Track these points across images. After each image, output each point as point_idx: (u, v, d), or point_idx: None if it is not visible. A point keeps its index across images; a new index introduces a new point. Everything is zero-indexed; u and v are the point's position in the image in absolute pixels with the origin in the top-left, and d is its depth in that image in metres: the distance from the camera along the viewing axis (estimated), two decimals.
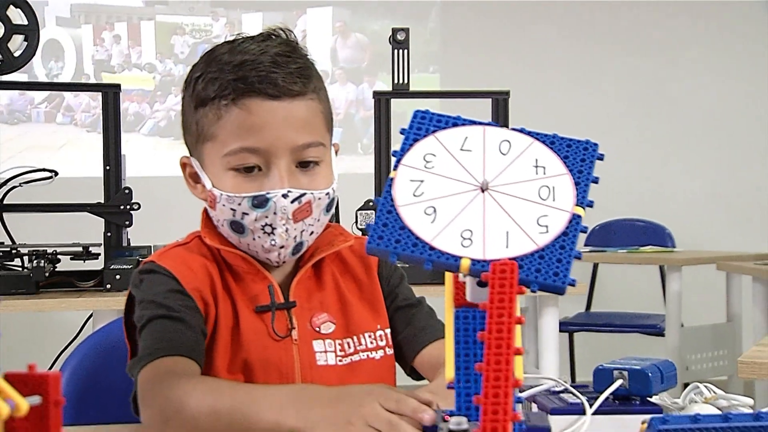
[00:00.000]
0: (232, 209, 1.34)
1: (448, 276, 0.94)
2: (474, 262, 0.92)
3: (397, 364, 1.48)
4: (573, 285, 0.91)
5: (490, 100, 3.11)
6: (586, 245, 4.87)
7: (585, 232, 0.94)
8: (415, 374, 1.48)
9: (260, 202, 1.32)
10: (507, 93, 3.11)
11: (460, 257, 0.92)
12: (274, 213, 1.32)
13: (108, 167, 2.89)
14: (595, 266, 4.99)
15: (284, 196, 1.32)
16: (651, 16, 5.43)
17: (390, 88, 3.16)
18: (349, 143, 5.21)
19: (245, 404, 1.12)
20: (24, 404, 0.89)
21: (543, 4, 5.34)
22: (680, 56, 5.44)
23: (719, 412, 1.08)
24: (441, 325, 1.43)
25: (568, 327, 4.59)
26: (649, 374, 1.15)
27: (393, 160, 0.99)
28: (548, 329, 3.15)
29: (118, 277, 2.74)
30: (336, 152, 1.43)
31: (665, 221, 5.00)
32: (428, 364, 1.42)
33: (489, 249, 0.92)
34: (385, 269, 1.49)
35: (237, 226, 1.35)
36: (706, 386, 1.23)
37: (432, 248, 0.93)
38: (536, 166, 0.98)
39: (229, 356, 1.35)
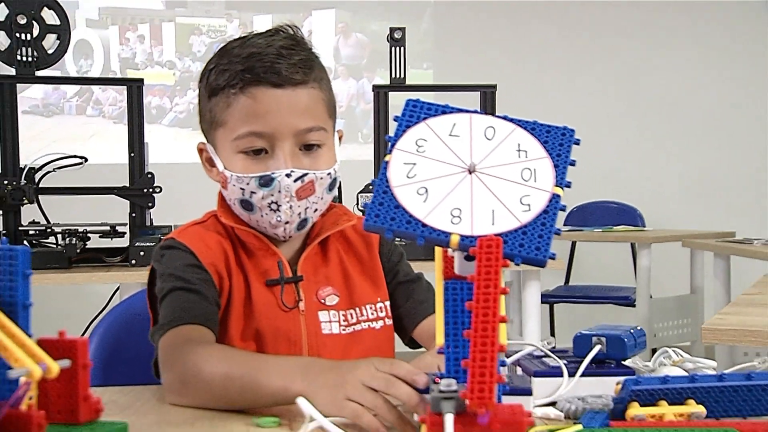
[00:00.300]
0: (241, 188, 1.34)
1: (438, 251, 0.94)
2: (463, 237, 0.92)
3: (396, 335, 1.48)
4: (553, 258, 0.91)
5: (479, 93, 3.10)
6: (565, 224, 4.88)
7: (563, 210, 0.94)
8: (413, 344, 1.48)
9: (266, 182, 1.32)
10: (494, 86, 3.10)
11: (450, 233, 0.92)
12: (279, 191, 1.32)
13: (132, 154, 2.88)
14: (573, 244, 5.00)
15: (287, 175, 1.32)
16: (627, 14, 5.42)
17: (388, 83, 3.15)
18: (350, 133, 5.20)
19: (256, 371, 1.12)
20: (55, 367, 0.89)
21: (528, 5, 5.33)
22: (651, 53, 5.43)
23: (686, 374, 1.08)
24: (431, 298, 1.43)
25: (548, 299, 4.59)
26: (625, 340, 1.14)
27: (388, 145, 0.99)
28: (531, 300, 3.16)
29: (142, 253, 2.74)
30: (340, 138, 1.42)
31: (636, 203, 5.00)
32: (427, 335, 1.42)
33: (476, 226, 0.93)
34: (385, 247, 1.49)
35: (246, 204, 1.35)
36: (674, 351, 1.22)
37: (424, 225, 0.93)
38: (519, 150, 0.98)
39: (242, 326, 1.35)
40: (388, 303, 1.45)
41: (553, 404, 1.11)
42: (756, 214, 5.32)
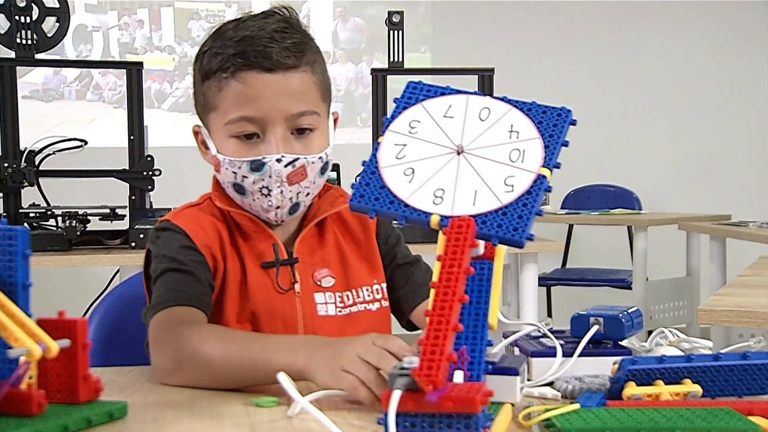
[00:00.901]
0: (233, 172, 1.33)
1: (441, 235, 0.93)
2: (443, 218, 0.92)
3: (394, 318, 1.48)
4: (531, 239, 0.91)
5: (477, 76, 3.09)
6: (562, 208, 4.88)
7: (549, 191, 0.94)
8: (411, 326, 1.47)
9: (257, 166, 1.31)
10: (492, 70, 3.09)
11: (431, 213, 0.93)
12: (270, 176, 1.31)
13: (132, 137, 2.87)
14: (571, 227, 5.00)
15: (278, 160, 1.31)
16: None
17: (386, 66, 3.14)
18: (349, 117, 5.19)
19: (256, 349, 1.11)
20: (54, 346, 0.89)
21: None
22: (649, 36, 5.42)
23: (682, 354, 1.08)
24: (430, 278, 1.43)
25: (546, 281, 4.60)
26: (622, 320, 1.14)
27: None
28: (528, 283, 3.16)
29: (141, 236, 2.74)
30: (335, 121, 1.42)
31: (633, 187, 5.00)
32: (424, 317, 1.41)
33: (457, 206, 0.93)
34: (382, 229, 1.48)
35: (239, 188, 1.34)
36: (670, 331, 1.22)
37: (406, 205, 0.94)
38: (511, 131, 0.98)
39: (237, 307, 1.35)
40: (384, 285, 1.44)
41: (550, 384, 1.10)
42: (752, 196, 5.32)
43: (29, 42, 2.83)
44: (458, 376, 0.88)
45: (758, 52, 5.45)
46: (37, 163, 2.81)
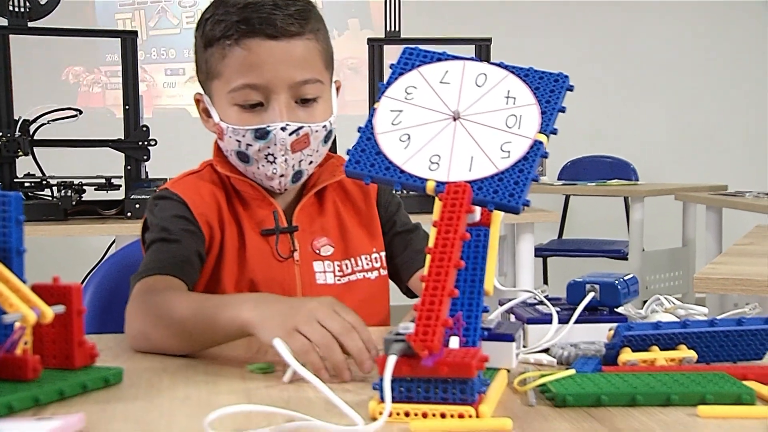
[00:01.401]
0: (237, 140, 1.33)
1: (437, 201, 0.93)
2: (438, 184, 0.92)
3: (395, 285, 1.48)
4: (527, 205, 0.91)
5: (474, 46, 3.07)
6: (558, 179, 4.87)
7: (545, 157, 0.94)
8: (410, 293, 1.47)
9: (262, 134, 1.31)
10: (489, 40, 3.07)
11: (426, 179, 0.93)
12: (275, 144, 1.31)
13: (127, 107, 2.86)
14: (567, 198, 5.00)
15: (283, 129, 1.30)
16: None
17: (383, 36, 3.12)
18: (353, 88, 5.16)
19: (210, 306, 1.10)
20: (49, 312, 0.88)
21: None
22: (645, 6, 5.39)
23: (678, 320, 1.08)
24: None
25: (542, 252, 4.60)
26: (618, 287, 1.14)
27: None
28: (524, 254, 3.16)
29: (137, 206, 2.73)
30: (338, 89, 1.41)
31: (630, 157, 4.99)
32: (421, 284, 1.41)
33: (453, 172, 0.93)
34: (383, 197, 1.48)
35: (242, 156, 1.34)
36: (666, 298, 1.22)
37: (402, 171, 0.94)
38: (507, 97, 0.98)
39: (235, 275, 1.35)
40: (383, 254, 1.44)
41: (546, 351, 1.11)
42: (748, 167, 5.32)
43: (22, 10, 2.80)
44: (454, 342, 0.88)
45: (755, 22, 5.43)
46: (31, 133, 2.80)
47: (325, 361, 0.98)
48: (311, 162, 1.36)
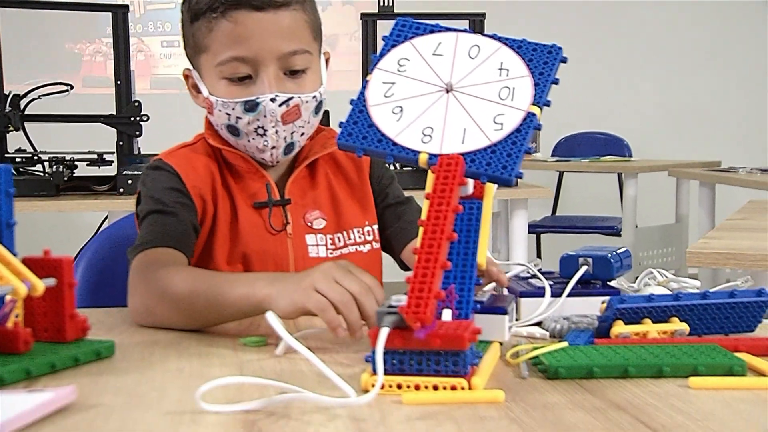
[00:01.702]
0: (227, 114, 1.32)
1: (430, 174, 0.93)
2: (431, 156, 0.92)
3: (390, 257, 1.48)
4: (520, 177, 0.91)
5: (468, 21, 3.06)
6: (552, 155, 4.87)
7: (539, 129, 0.94)
8: (404, 266, 1.47)
9: (251, 107, 1.30)
10: (483, 15, 3.06)
11: (419, 152, 0.93)
12: (264, 116, 1.30)
13: (119, 82, 2.84)
14: (561, 174, 5.00)
15: (272, 100, 1.30)
16: None
17: (376, 11, 3.10)
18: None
19: (219, 283, 1.10)
20: (40, 285, 0.88)
21: None
22: None
23: (670, 293, 1.08)
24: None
25: (535, 229, 4.61)
26: (611, 260, 1.14)
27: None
28: (518, 231, 3.16)
29: (130, 182, 2.72)
30: (327, 60, 1.40)
31: (623, 134, 4.99)
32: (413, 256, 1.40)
33: (446, 145, 0.93)
34: (375, 170, 1.48)
35: (233, 130, 1.33)
36: (658, 272, 1.22)
37: (395, 144, 0.94)
38: (501, 69, 0.98)
39: (228, 249, 1.35)
40: (376, 227, 1.44)
41: (539, 324, 1.11)
42: (742, 143, 5.33)
43: None
44: (446, 315, 0.88)
45: None
46: (22, 108, 2.78)
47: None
48: (303, 134, 1.36)
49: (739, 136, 5.39)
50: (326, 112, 2.95)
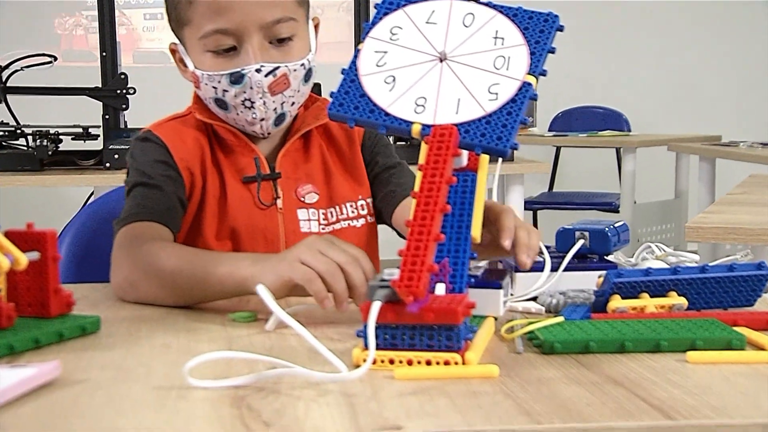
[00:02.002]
0: (213, 87, 1.31)
1: (423, 145, 0.93)
2: (424, 126, 0.92)
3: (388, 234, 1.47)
4: (515, 148, 0.91)
5: None
6: (549, 130, 4.87)
7: (534, 99, 0.94)
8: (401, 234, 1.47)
9: (236, 79, 1.29)
10: None
11: (412, 122, 0.93)
12: (251, 87, 1.30)
13: (104, 53, 2.82)
14: (558, 150, 5.00)
15: (258, 70, 1.29)
16: None
17: None
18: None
19: (204, 262, 1.10)
20: (23, 259, 0.88)
21: None
22: None
23: (668, 267, 1.08)
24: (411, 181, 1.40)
25: (532, 205, 4.61)
26: (608, 234, 1.14)
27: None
28: (514, 206, 3.13)
29: (116, 156, 2.71)
30: (316, 27, 1.39)
31: (622, 108, 4.99)
32: (402, 218, 1.37)
33: (440, 115, 0.93)
34: (368, 140, 1.46)
35: (220, 103, 1.33)
36: (657, 246, 1.22)
37: (387, 114, 0.94)
38: (495, 38, 0.97)
39: (216, 224, 1.34)
40: (370, 200, 1.43)
41: (534, 299, 1.11)
42: (742, 117, 5.32)
43: None
44: (440, 289, 0.88)
45: None
46: (4, 80, 2.76)
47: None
48: (294, 103, 1.35)
49: (739, 110, 5.39)
50: (317, 85, 2.95)
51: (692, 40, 5.41)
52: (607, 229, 1.15)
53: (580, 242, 1.15)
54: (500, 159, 0.99)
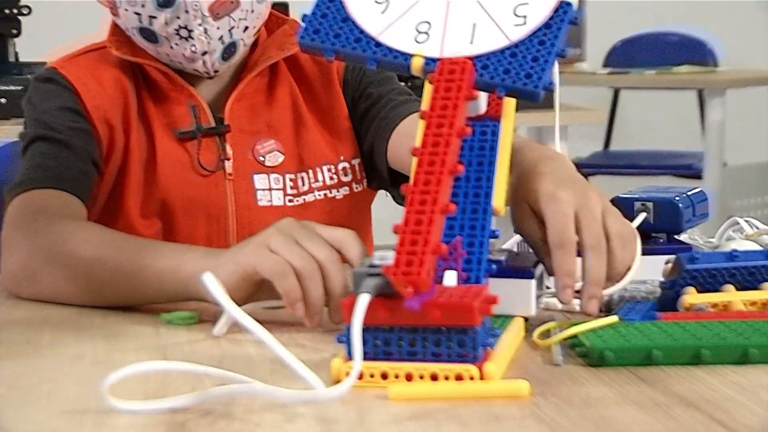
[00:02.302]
0: (136, 13, 1.33)
1: (427, 85, 0.94)
2: (428, 60, 0.93)
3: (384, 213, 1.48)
4: (550, 90, 0.92)
5: None
6: (604, 66, 4.85)
7: (575, 23, 0.94)
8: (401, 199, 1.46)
9: (165, 0, 1.30)
10: None
11: (412, 55, 0.94)
12: (186, 12, 1.31)
13: None
14: (616, 92, 5.00)
15: None
16: None
17: None
18: None
19: (138, 252, 1.11)
20: None
21: None
22: None
23: (762, 250, 1.09)
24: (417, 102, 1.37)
25: (581, 169, 4.59)
26: (680, 205, 1.15)
27: None
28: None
29: (3, 100, 2.71)
30: None
31: (706, 33, 4.97)
32: (397, 154, 1.37)
33: (448, 45, 0.94)
34: (351, 74, 1.46)
35: (148, 34, 1.34)
36: (747, 221, 1.24)
37: (378, 44, 0.95)
38: None
39: (142, 195, 1.36)
40: (357, 161, 1.44)
41: (578, 293, 1.12)
42: None
43: None
44: (450, 278, 0.89)
45: None
46: None
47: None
48: (247, 28, 1.36)
49: None
50: (284, 5, 2.95)
51: None
52: (677, 198, 1.16)
53: (642, 216, 1.16)
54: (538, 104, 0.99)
